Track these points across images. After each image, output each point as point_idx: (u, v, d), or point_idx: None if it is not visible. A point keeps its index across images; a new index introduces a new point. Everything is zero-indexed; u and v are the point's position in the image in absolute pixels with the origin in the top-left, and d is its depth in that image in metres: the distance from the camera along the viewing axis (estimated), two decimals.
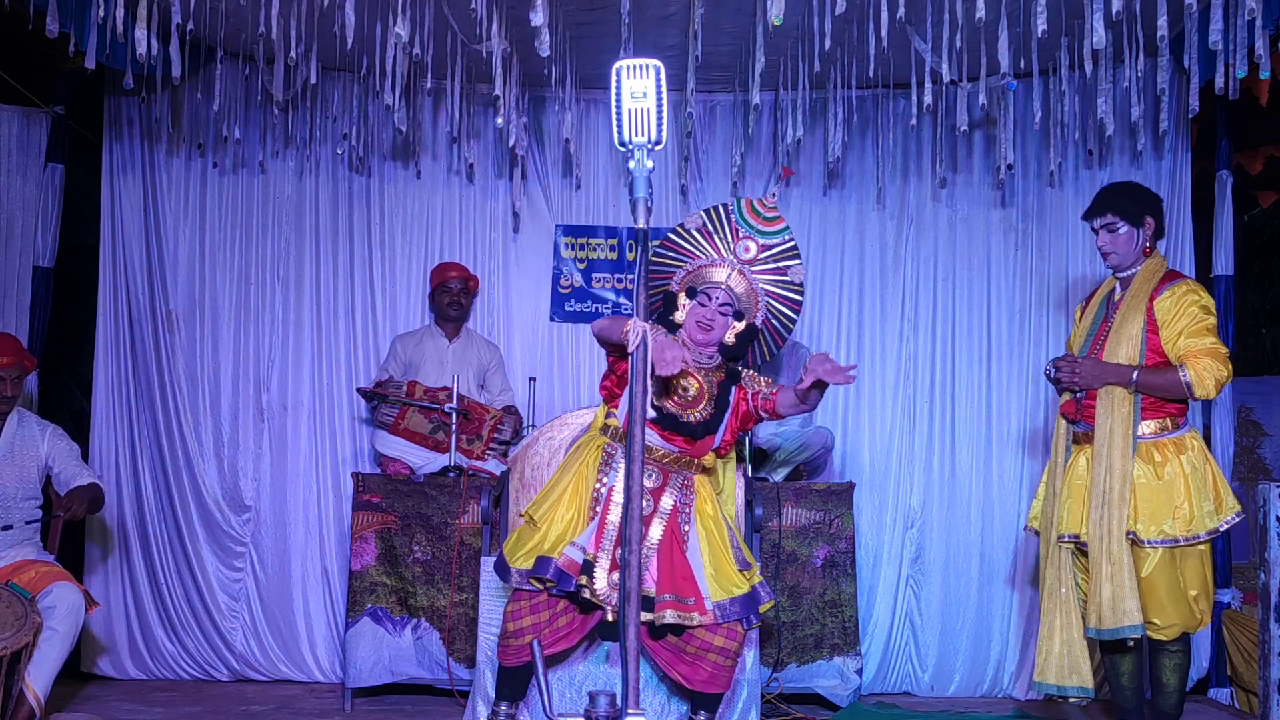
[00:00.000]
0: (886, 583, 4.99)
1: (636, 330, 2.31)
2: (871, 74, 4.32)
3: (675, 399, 3.41)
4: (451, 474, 4.58)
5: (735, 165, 5.21)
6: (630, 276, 5.30)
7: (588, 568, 3.27)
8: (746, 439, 4.49)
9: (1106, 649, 3.65)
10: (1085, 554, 3.53)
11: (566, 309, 5.37)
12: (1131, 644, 3.55)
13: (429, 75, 4.76)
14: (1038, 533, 3.76)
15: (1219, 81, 3.87)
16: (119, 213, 5.06)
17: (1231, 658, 4.68)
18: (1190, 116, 4.36)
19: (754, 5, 4.10)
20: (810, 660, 4.46)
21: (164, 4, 3.91)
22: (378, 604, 4.47)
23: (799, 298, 3.61)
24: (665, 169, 5.33)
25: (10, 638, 3.58)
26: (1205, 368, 3.41)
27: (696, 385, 3.45)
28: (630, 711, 2.12)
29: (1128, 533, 3.42)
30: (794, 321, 3.64)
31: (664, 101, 2.26)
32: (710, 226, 3.57)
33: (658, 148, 2.29)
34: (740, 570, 3.43)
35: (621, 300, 5.35)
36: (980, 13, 3.60)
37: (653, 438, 3.38)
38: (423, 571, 4.51)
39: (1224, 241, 4.83)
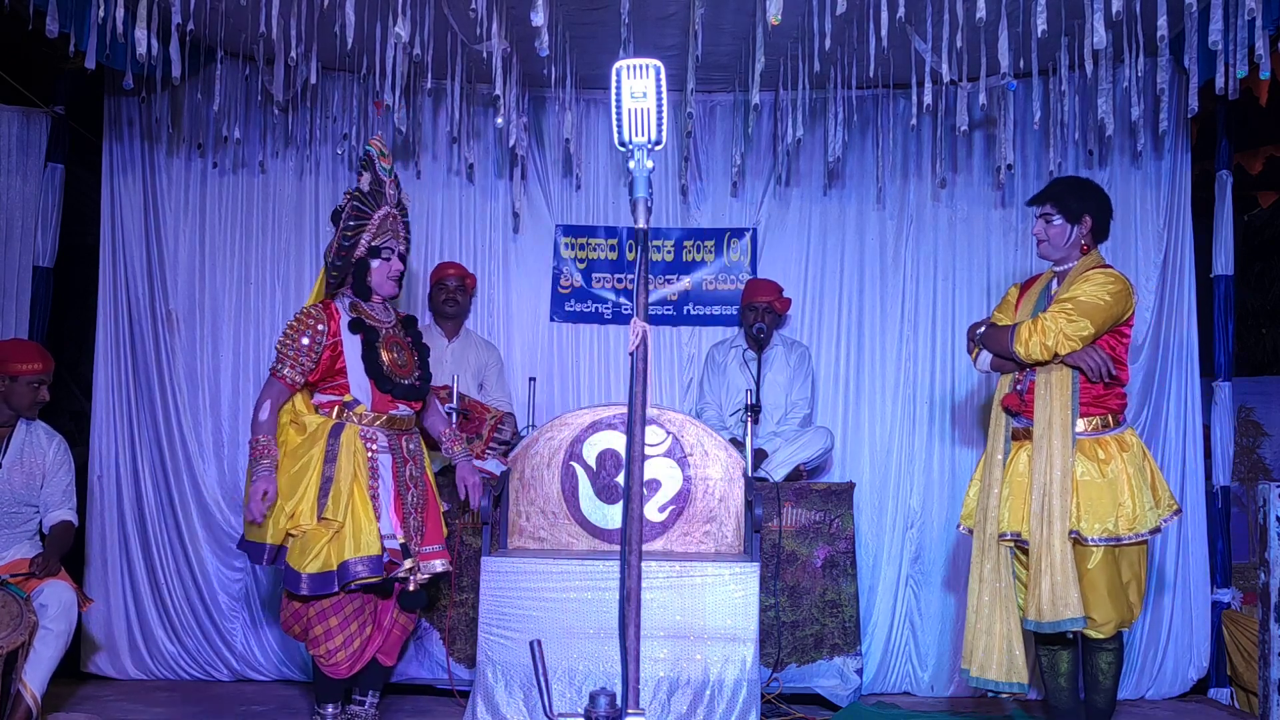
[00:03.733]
0: (886, 583, 4.99)
1: (636, 330, 2.31)
2: (871, 74, 4.32)
3: (397, 369, 3.71)
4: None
5: (735, 165, 5.21)
6: (630, 276, 5.30)
7: (405, 551, 3.64)
8: (747, 439, 4.49)
9: (1045, 645, 3.62)
10: (1025, 551, 3.51)
11: (566, 309, 5.38)
12: (1070, 636, 3.54)
13: (429, 75, 4.76)
14: (971, 530, 3.70)
15: (1219, 81, 3.87)
16: (119, 213, 5.06)
17: (1231, 658, 4.68)
18: (1190, 116, 4.37)
19: (754, 5, 4.10)
20: (810, 660, 4.46)
21: (164, 4, 3.92)
22: None
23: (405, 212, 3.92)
24: (665, 169, 5.33)
25: (6, 637, 3.58)
26: (1032, 328, 3.45)
27: (401, 346, 3.76)
28: (630, 711, 2.12)
29: (1071, 532, 3.40)
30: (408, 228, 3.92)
31: (664, 101, 2.26)
32: (376, 184, 3.77)
33: (658, 148, 2.29)
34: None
35: (621, 300, 5.35)
36: (980, 13, 3.60)
37: (402, 410, 3.74)
38: None
39: (1224, 241, 4.83)
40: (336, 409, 3.64)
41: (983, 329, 3.68)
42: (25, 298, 4.84)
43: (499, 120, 4.56)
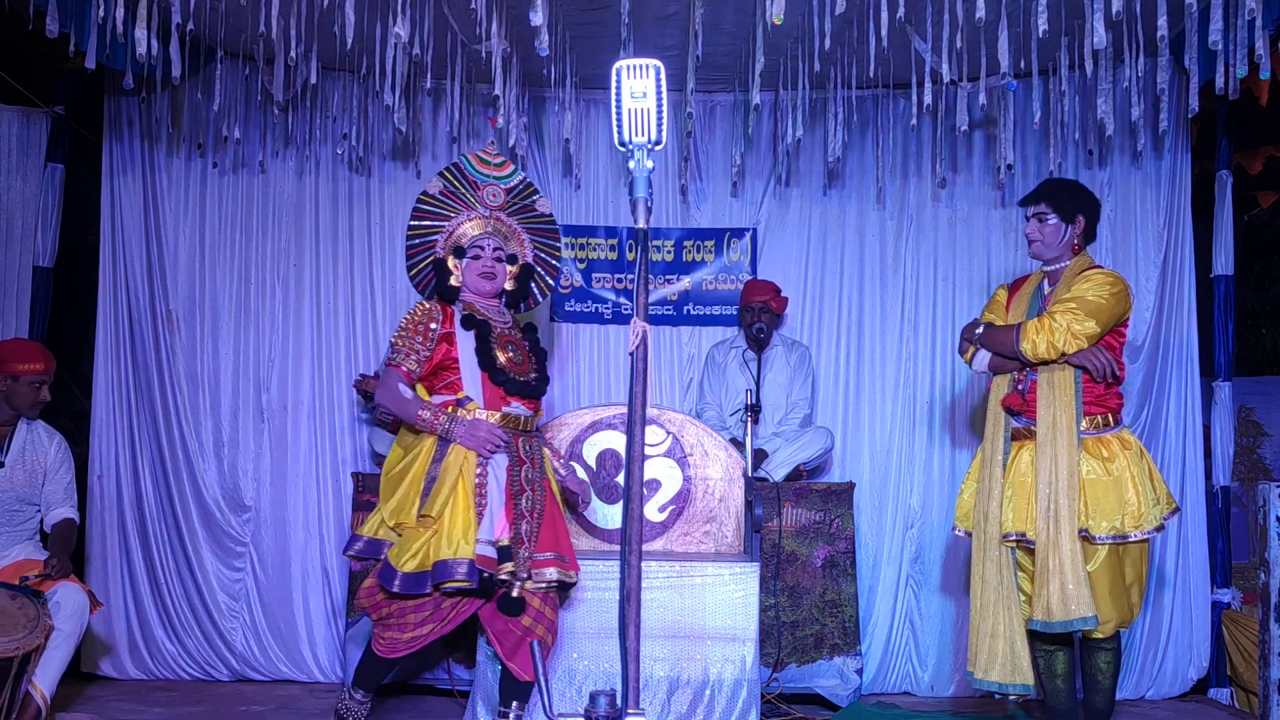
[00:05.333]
0: (886, 583, 4.99)
1: (636, 330, 2.31)
2: (871, 74, 4.32)
3: (513, 366, 3.60)
4: None
5: (735, 165, 5.21)
6: (630, 276, 5.30)
7: (504, 554, 3.43)
8: (747, 439, 4.49)
9: (1042, 646, 3.62)
10: (1028, 551, 3.50)
11: (566, 309, 5.38)
12: (1080, 635, 3.53)
13: (429, 75, 4.76)
14: (969, 533, 3.66)
15: (1219, 81, 3.87)
16: (119, 213, 5.06)
17: (1231, 658, 4.68)
18: (1190, 116, 4.37)
19: (754, 5, 4.11)
20: (810, 660, 4.47)
21: (164, 4, 3.92)
22: None
23: (554, 226, 3.85)
24: (665, 169, 5.33)
25: (23, 639, 3.57)
26: (1039, 327, 3.46)
27: (516, 347, 3.67)
28: (630, 711, 2.13)
29: (1080, 530, 3.39)
30: (559, 249, 3.86)
31: (664, 101, 2.26)
32: (451, 187, 3.73)
33: (658, 148, 2.30)
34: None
35: (621, 300, 5.35)
36: (980, 13, 3.60)
37: (517, 408, 3.58)
38: None
39: (1224, 241, 4.83)
40: (450, 409, 3.57)
41: (980, 329, 3.67)
42: (25, 298, 4.84)
43: (499, 120, 4.56)
